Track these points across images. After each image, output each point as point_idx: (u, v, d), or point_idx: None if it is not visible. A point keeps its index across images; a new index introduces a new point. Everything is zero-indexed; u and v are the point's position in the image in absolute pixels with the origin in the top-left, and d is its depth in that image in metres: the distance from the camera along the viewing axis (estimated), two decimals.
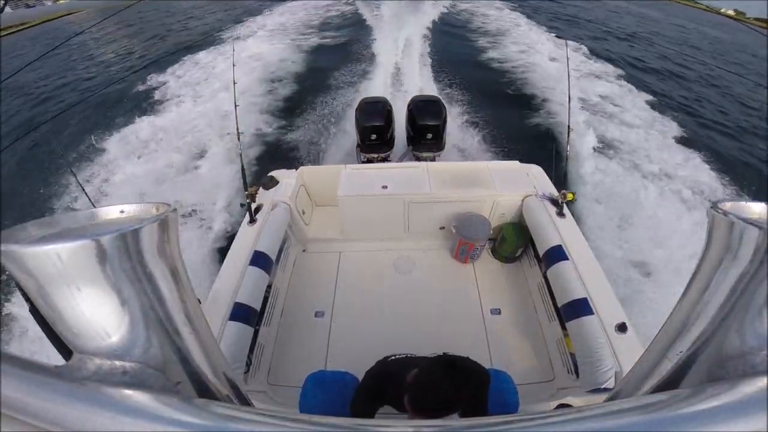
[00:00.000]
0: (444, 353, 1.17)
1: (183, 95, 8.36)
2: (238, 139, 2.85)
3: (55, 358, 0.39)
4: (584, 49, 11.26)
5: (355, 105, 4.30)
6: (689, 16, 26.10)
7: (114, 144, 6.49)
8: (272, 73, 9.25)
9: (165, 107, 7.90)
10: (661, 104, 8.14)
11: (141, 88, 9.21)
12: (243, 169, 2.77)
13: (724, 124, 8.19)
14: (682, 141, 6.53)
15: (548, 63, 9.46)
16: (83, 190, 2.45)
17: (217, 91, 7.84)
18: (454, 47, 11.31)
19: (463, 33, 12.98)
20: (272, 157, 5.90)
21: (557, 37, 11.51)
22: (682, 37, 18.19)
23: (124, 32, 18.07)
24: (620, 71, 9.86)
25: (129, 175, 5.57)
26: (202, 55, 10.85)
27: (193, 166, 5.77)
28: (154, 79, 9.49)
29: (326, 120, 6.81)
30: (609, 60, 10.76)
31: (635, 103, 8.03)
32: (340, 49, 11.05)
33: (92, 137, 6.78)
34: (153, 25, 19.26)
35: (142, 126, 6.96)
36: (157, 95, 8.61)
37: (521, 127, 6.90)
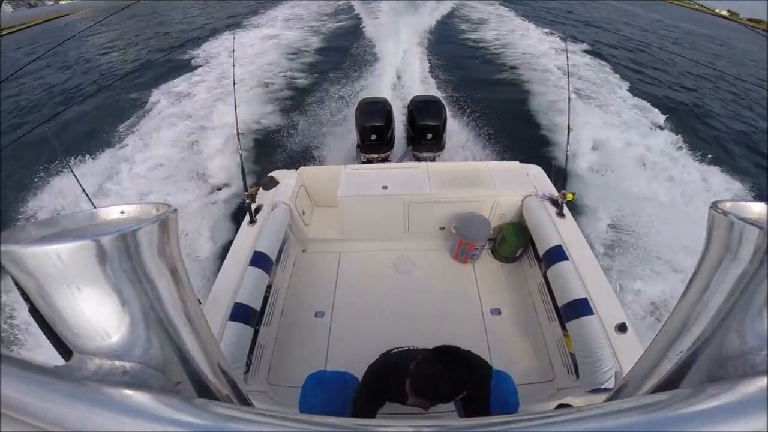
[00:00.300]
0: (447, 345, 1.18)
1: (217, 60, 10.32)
2: (238, 139, 2.85)
3: (55, 359, 0.39)
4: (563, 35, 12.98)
5: (355, 105, 4.31)
6: (676, 15, 26.79)
7: (162, 95, 8.42)
8: (273, 67, 9.60)
9: (205, 68, 9.88)
10: (616, 69, 10.25)
11: (184, 56, 11.11)
12: (243, 170, 2.77)
13: (662, 80, 10.97)
14: (629, 91, 8.79)
15: (547, 61, 9.53)
16: (83, 190, 2.44)
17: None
18: (453, 46, 11.34)
19: (463, 32, 13.02)
20: (272, 158, 5.91)
21: (546, 29, 12.78)
22: (652, 29, 19.99)
23: (141, 26, 18.95)
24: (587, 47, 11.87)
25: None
26: (227, 35, 12.35)
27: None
28: (188, 54, 11.28)
29: (326, 120, 6.81)
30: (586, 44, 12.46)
31: (591, 65, 10.23)
32: (339, 49, 11.05)
33: (134, 94, 8.89)
34: (174, 20, 20.13)
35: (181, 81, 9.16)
36: (194, 62, 10.49)
37: (521, 127, 6.91)
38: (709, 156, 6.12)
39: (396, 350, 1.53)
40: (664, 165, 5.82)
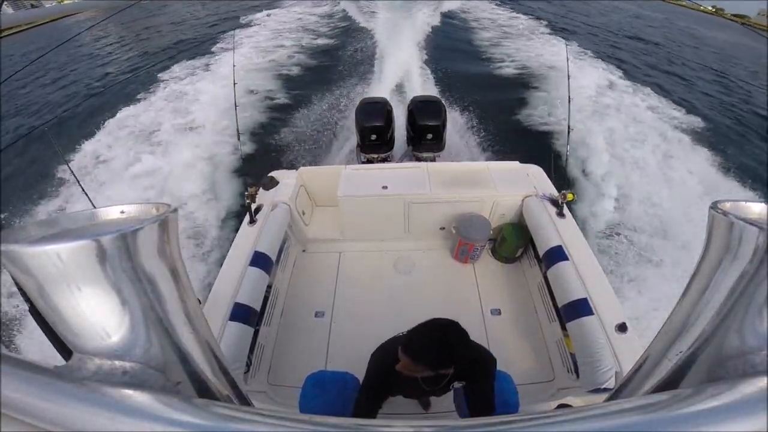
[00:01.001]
0: None
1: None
2: (238, 138, 2.86)
3: (55, 359, 0.39)
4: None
5: (356, 105, 4.31)
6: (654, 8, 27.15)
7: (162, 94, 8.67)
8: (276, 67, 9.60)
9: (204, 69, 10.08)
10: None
11: (184, 57, 11.35)
12: (243, 169, 2.77)
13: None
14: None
15: (545, 63, 9.54)
16: (83, 190, 2.44)
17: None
18: (453, 46, 11.35)
19: (462, 33, 13.03)
20: (272, 158, 5.92)
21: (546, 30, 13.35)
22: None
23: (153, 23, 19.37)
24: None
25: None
26: (228, 34, 12.98)
27: None
28: (188, 55, 11.65)
29: (326, 120, 6.82)
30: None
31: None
32: (340, 50, 11.07)
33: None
34: (173, 21, 20.40)
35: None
36: (194, 62, 10.78)
37: (521, 127, 6.92)
38: None
39: (401, 334, 1.50)
40: None
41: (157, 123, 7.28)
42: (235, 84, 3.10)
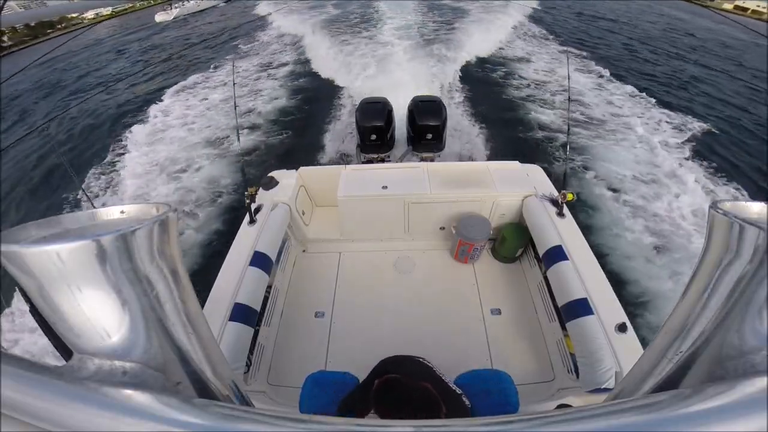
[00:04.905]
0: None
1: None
2: (238, 139, 2.86)
3: (55, 359, 0.40)
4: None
5: (356, 105, 4.31)
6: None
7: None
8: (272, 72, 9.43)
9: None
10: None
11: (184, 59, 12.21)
12: (243, 169, 2.77)
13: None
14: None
15: (545, 61, 9.52)
16: (83, 190, 2.46)
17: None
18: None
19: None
20: (272, 158, 5.93)
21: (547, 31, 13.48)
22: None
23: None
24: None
25: None
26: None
27: None
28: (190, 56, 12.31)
29: (327, 120, 6.82)
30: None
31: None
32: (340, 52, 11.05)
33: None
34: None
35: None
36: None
37: (521, 127, 6.92)
38: None
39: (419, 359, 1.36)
40: None
41: (154, 126, 7.30)
42: (234, 84, 3.10)
